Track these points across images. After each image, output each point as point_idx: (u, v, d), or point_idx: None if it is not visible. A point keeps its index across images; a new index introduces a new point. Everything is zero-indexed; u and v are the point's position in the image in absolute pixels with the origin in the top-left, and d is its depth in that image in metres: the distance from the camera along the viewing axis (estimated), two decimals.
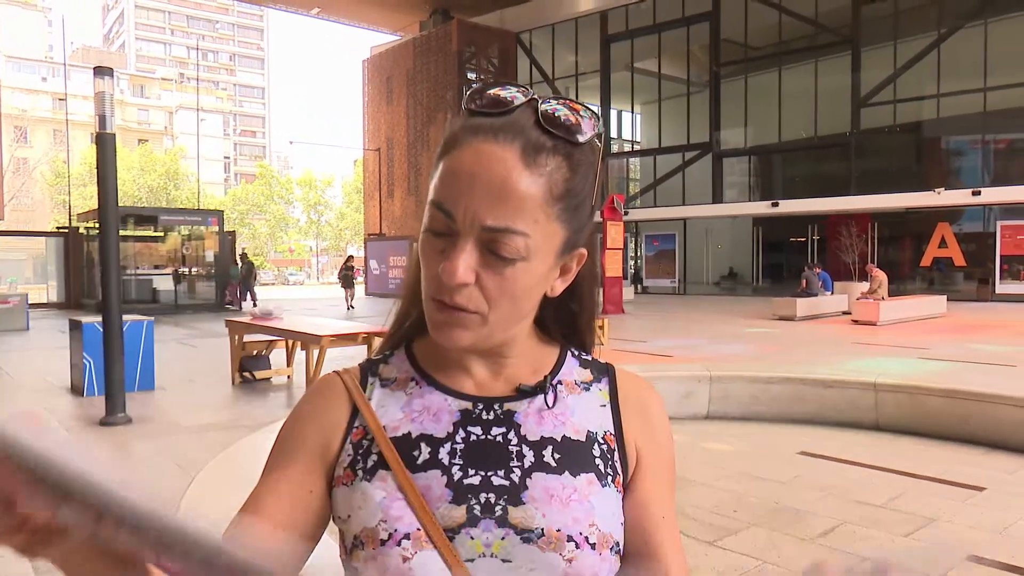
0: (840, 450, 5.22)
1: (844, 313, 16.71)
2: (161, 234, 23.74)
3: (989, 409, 5.37)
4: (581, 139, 0.66)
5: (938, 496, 4.30)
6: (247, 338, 8.38)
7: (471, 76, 32.39)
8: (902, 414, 5.74)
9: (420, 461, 0.69)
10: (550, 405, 0.73)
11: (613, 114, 31.96)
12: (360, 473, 0.70)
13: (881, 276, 16.04)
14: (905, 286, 22.27)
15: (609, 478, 0.71)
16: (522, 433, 0.71)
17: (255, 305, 20.72)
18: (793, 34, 26.04)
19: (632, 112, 32.53)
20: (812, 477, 4.66)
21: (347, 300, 21.63)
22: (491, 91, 0.68)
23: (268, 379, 8.40)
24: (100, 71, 5.76)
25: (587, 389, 0.76)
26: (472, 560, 0.65)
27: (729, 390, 6.34)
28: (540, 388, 0.74)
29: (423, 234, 0.68)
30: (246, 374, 8.24)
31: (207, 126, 71.30)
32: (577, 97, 31.56)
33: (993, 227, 21.39)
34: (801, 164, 26.87)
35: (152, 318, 8.33)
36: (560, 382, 0.75)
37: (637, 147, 33.01)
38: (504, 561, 0.65)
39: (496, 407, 0.72)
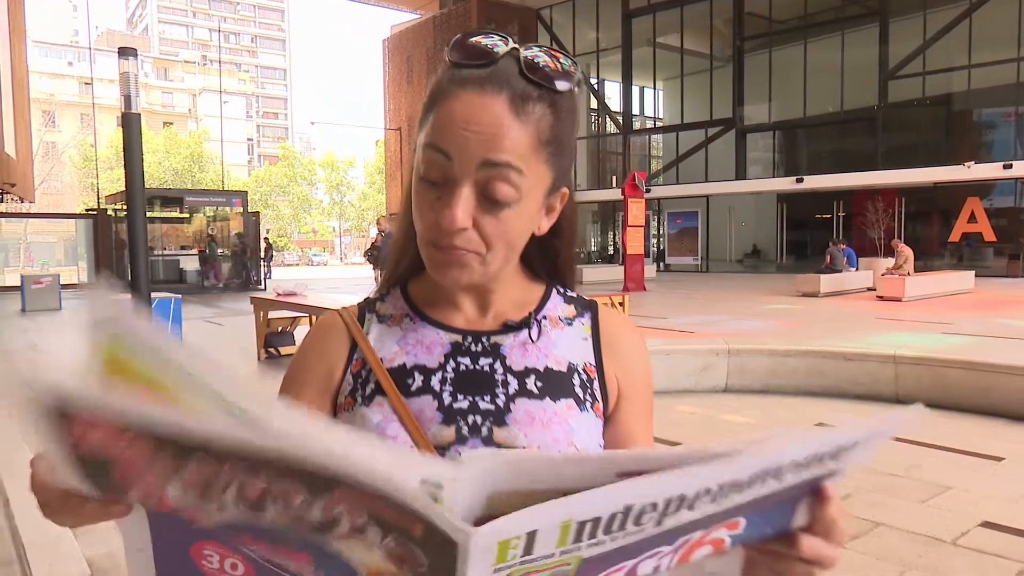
0: None
1: (869, 289, 16.51)
2: (187, 215, 24.09)
3: (1010, 381, 5.34)
4: (563, 88, 0.69)
5: (955, 465, 4.31)
6: (272, 315, 8.54)
7: None
8: (922, 386, 5.72)
9: (414, 388, 0.75)
10: (534, 339, 0.78)
11: (635, 90, 31.63)
12: (359, 400, 0.76)
13: (907, 251, 15.81)
14: (933, 262, 21.92)
15: (588, 404, 0.76)
16: (508, 364, 0.77)
17: (264, 283, 20.98)
18: (819, 6, 25.49)
19: (654, 88, 32.16)
20: None
21: (377, 280, 21.81)
22: (472, 40, 0.70)
23: (292, 354, 8.56)
24: (124, 52, 5.86)
25: (570, 324, 0.81)
26: None
27: (747, 363, 6.36)
28: (525, 323, 0.79)
29: (417, 183, 0.72)
30: (271, 350, 8.41)
31: (230, 108, 71.79)
32: (598, 75, 31.43)
33: None
34: (826, 139, 26.43)
35: (179, 296, 8.51)
36: (545, 317, 0.81)
37: (659, 123, 32.68)
38: None
39: (484, 340, 0.78)
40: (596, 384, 0.78)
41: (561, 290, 0.85)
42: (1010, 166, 20.39)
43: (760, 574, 0.57)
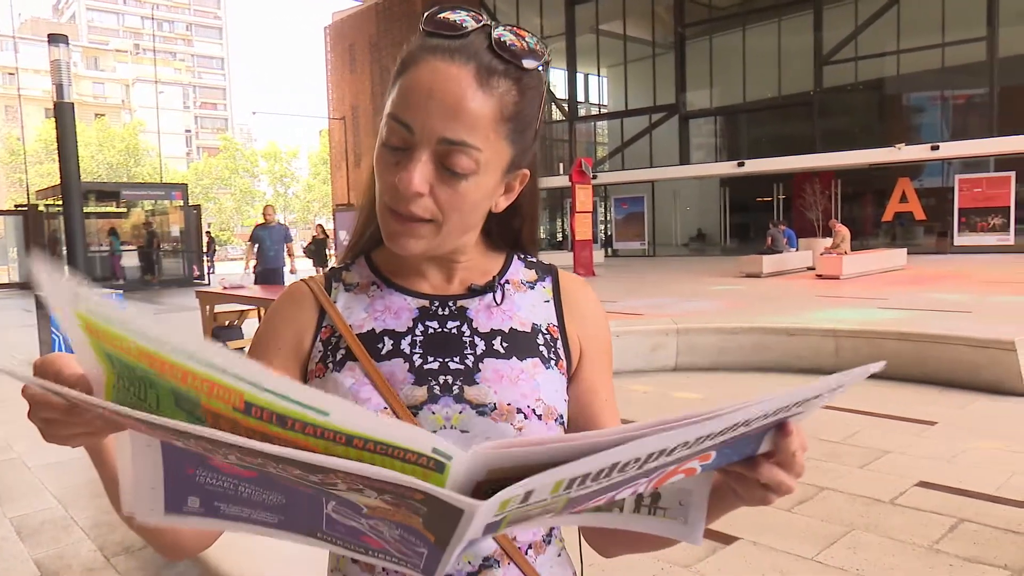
0: None
1: (809, 268, 17.07)
2: (124, 210, 23.29)
3: (942, 350, 5.62)
4: (528, 65, 0.72)
5: (893, 431, 4.53)
6: (218, 308, 8.37)
7: None
8: (860, 358, 5.90)
9: (384, 352, 0.78)
10: (498, 302, 0.82)
11: (580, 77, 31.81)
12: (331, 366, 0.78)
13: (844, 231, 16.38)
14: (868, 241, 22.75)
15: (552, 362, 0.80)
16: (474, 326, 0.80)
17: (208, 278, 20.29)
18: None
19: (598, 75, 32.41)
20: None
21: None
22: (443, 14, 0.73)
23: (241, 348, 8.40)
24: (55, 39, 5.64)
25: (532, 287, 0.85)
26: (435, 431, 0.73)
27: (696, 342, 6.52)
28: (489, 287, 0.82)
29: (379, 148, 0.74)
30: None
31: (166, 99, 69.39)
32: None
33: (951, 181, 21.86)
34: (766, 124, 27.08)
35: (120, 292, 8.26)
36: (507, 281, 0.84)
37: (604, 110, 32.96)
38: (463, 432, 0.74)
39: (450, 304, 0.81)
40: (559, 344, 0.82)
41: (522, 256, 0.88)
42: (937, 147, 21.27)
43: (724, 493, 0.62)
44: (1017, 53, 20.89)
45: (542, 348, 0.80)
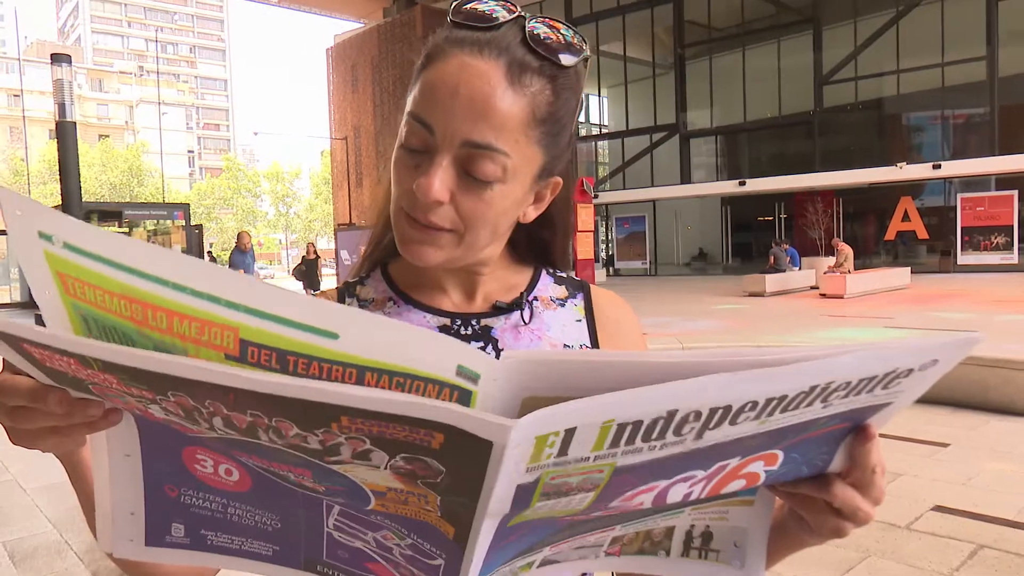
0: None
1: (812, 287, 16.99)
2: (126, 230, 23.32)
3: (954, 370, 5.53)
4: (566, 62, 0.64)
5: (905, 453, 4.44)
6: None
7: None
8: None
9: None
10: (526, 321, 0.74)
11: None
12: None
13: (847, 250, 16.33)
14: (870, 260, 22.71)
15: None
16: (500, 347, 0.72)
17: None
18: (756, 14, 26.23)
19: (599, 95, 32.57)
20: None
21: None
22: (472, 3, 0.65)
23: None
24: (57, 58, 5.63)
25: (562, 305, 0.77)
26: None
27: None
28: (516, 304, 0.75)
29: (397, 150, 0.67)
30: None
31: (169, 120, 69.94)
32: None
33: (954, 200, 21.84)
34: (766, 143, 27.16)
35: None
36: (536, 298, 0.77)
37: (605, 130, 33.10)
38: None
39: (473, 323, 0.74)
40: None
41: (550, 271, 0.81)
42: (939, 166, 21.28)
43: (787, 528, 0.54)
44: (1017, 72, 20.97)
45: None
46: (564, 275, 0.82)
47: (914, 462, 4.26)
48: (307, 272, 15.51)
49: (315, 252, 16.03)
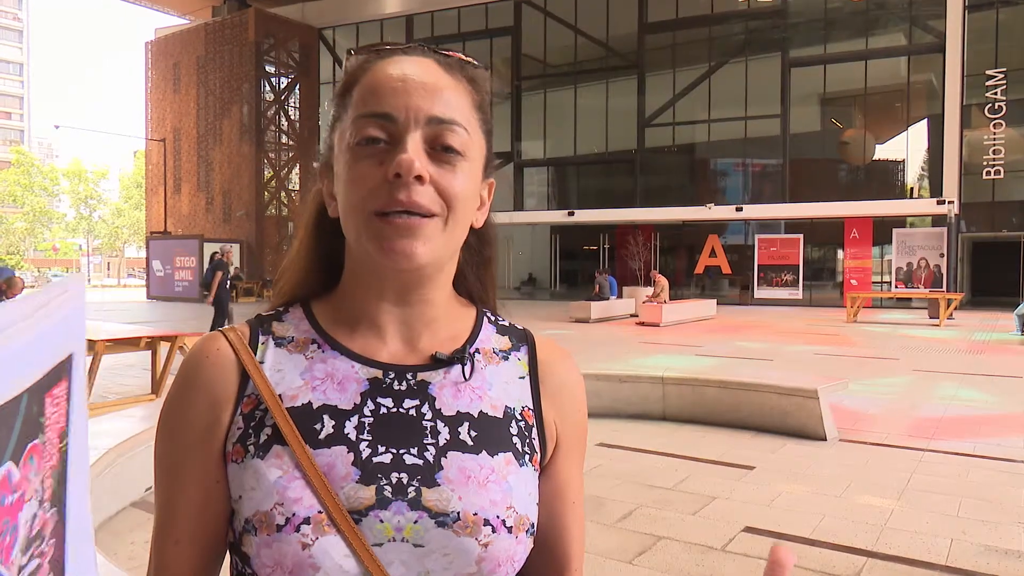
0: (634, 440, 5.61)
1: (632, 315, 18.06)
2: None
3: (755, 397, 6.06)
4: (476, 64, 0.69)
5: (717, 476, 4.76)
6: None
7: (270, 69, 30.83)
8: (684, 404, 6.30)
9: (323, 436, 0.62)
10: (467, 377, 0.68)
11: None
12: (252, 449, 0.61)
13: (663, 281, 17.54)
14: (682, 291, 24.58)
15: (527, 457, 0.67)
16: (437, 407, 0.66)
17: None
18: (587, 55, 27.76)
19: None
20: (610, 466, 4.95)
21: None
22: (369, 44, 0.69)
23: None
24: None
25: (505, 358, 0.72)
26: (380, 544, 0.59)
27: None
28: (458, 358, 0.68)
29: (350, 151, 0.63)
30: None
31: None
32: None
33: (752, 240, 24.31)
34: (594, 177, 28.69)
35: None
36: (478, 351, 0.70)
37: None
38: (416, 546, 0.60)
39: (409, 377, 0.66)
40: (535, 431, 0.69)
41: (492, 318, 0.75)
42: (741, 209, 23.65)
43: None
44: (805, 131, 23.85)
45: (515, 439, 0.67)
46: (506, 323, 0.76)
47: (725, 485, 4.58)
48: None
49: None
